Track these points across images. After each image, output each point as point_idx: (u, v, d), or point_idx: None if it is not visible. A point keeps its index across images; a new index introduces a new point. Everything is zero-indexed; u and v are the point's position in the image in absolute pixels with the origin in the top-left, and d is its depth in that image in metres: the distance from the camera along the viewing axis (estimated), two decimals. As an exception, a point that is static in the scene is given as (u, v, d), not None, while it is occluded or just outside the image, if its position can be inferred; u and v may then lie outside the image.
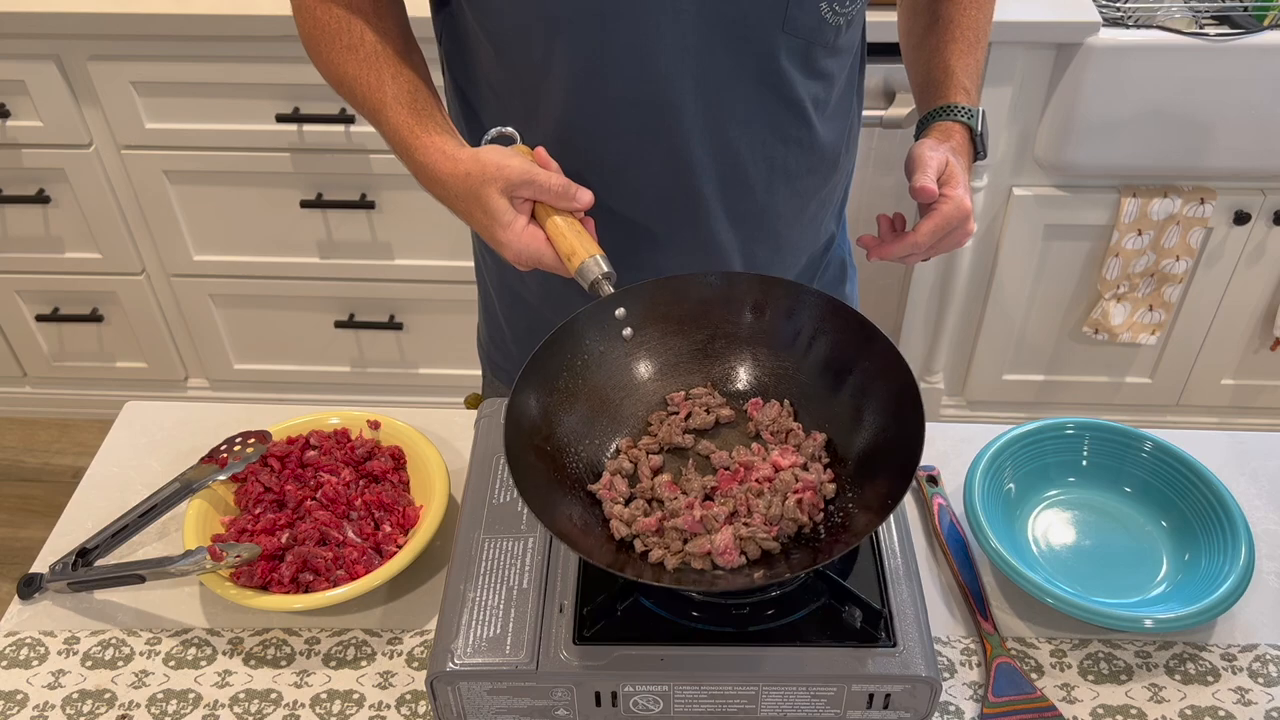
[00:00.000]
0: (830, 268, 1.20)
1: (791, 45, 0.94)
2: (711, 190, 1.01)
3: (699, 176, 0.99)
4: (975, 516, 0.97)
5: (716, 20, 0.90)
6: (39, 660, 0.93)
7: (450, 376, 2.30)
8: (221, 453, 1.03)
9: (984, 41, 1.09)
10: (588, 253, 0.88)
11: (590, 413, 0.91)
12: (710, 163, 0.98)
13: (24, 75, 1.88)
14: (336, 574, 0.95)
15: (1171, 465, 1.02)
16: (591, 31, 0.90)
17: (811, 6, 0.92)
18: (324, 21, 0.97)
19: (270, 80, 1.85)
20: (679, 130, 0.95)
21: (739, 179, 1.01)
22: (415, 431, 1.07)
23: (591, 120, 0.96)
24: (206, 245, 2.12)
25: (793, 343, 0.93)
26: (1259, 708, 0.89)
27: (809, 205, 1.09)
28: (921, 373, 2.28)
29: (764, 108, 0.97)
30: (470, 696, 0.82)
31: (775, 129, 0.99)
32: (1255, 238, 2.00)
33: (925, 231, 0.96)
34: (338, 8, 0.96)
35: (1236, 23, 1.78)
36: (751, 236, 1.06)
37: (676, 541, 0.83)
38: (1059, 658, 0.93)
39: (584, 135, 0.97)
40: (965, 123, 1.03)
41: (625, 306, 0.91)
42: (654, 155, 0.97)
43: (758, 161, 1.00)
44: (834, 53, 0.98)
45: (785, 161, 1.02)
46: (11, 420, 2.46)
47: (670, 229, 1.03)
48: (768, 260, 1.10)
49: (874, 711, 0.82)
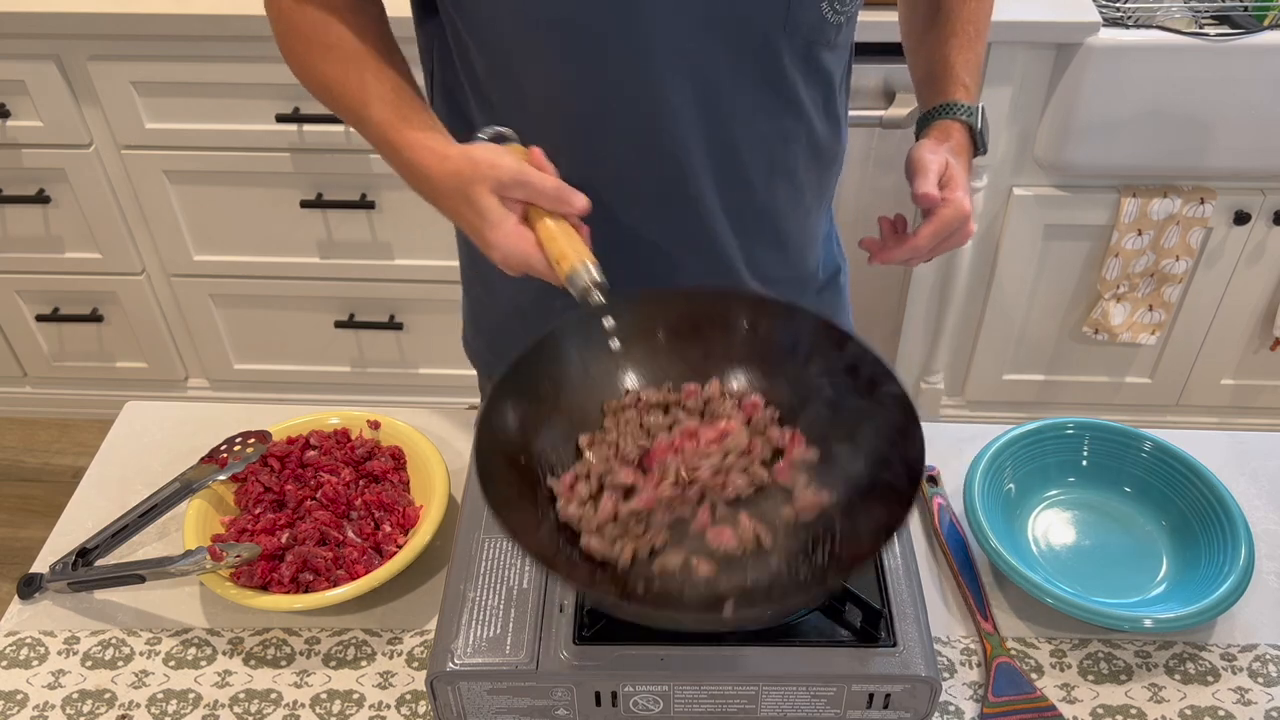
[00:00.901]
0: (826, 262, 1.20)
1: (793, 45, 0.94)
2: (711, 192, 1.00)
3: (699, 178, 0.99)
4: (975, 516, 0.97)
5: (717, 23, 0.90)
6: (39, 660, 0.93)
7: (450, 376, 2.30)
8: (221, 453, 1.03)
9: (984, 36, 1.09)
10: (579, 258, 0.83)
11: (570, 427, 0.87)
12: (710, 164, 0.98)
13: (24, 75, 1.88)
14: (336, 574, 0.95)
15: (1171, 465, 1.02)
16: (588, 37, 0.89)
17: (813, 6, 0.91)
18: (299, 24, 0.94)
19: (270, 80, 1.85)
20: (678, 132, 0.95)
21: (740, 179, 1.01)
22: (415, 431, 1.07)
23: (588, 124, 0.95)
24: (206, 245, 2.12)
25: (787, 364, 0.90)
26: (1259, 708, 0.89)
27: (807, 201, 1.09)
28: (921, 373, 2.28)
29: (765, 107, 0.97)
30: (470, 696, 0.82)
31: (776, 128, 0.99)
32: (1255, 238, 2.00)
33: (926, 235, 0.96)
34: (313, 9, 0.94)
35: (1236, 23, 1.78)
36: (753, 238, 1.06)
37: (637, 528, 0.80)
38: (1059, 658, 0.93)
39: (580, 139, 0.96)
40: (965, 120, 1.02)
41: (615, 317, 0.86)
42: (652, 158, 0.97)
43: (759, 161, 1.00)
44: (833, 49, 0.98)
45: (785, 160, 1.02)
46: (11, 420, 2.46)
47: (670, 232, 1.03)
48: (772, 261, 1.09)
49: (874, 711, 0.82)
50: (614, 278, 0.85)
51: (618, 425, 0.87)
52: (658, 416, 0.88)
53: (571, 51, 0.91)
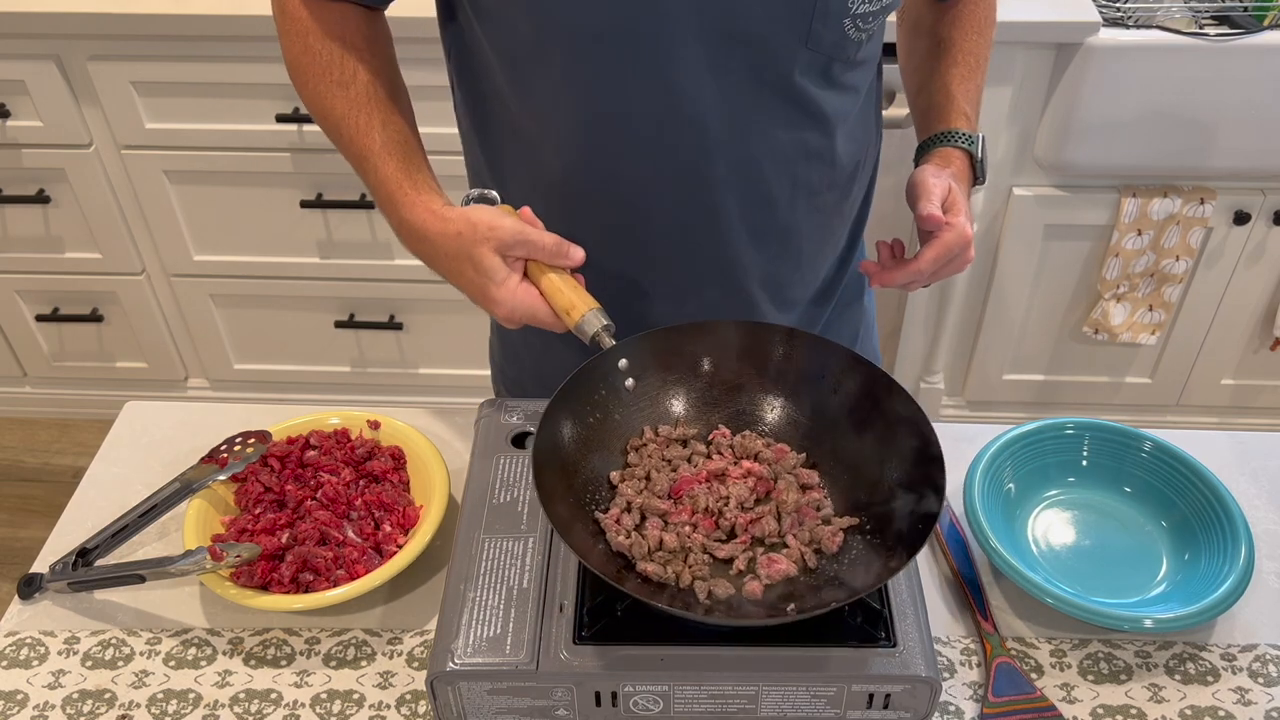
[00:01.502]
0: (850, 283, 1.19)
1: (813, 61, 0.93)
2: (733, 208, 1.00)
3: (720, 194, 0.98)
4: (975, 516, 0.97)
5: (738, 38, 0.89)
6: (39, 660, 0.93)
7: (450, 376, 2.30)
8: (221, 453, 1.03)
9: (984, 67, 1.10)
10: (586, 306, 0.89)
11: (604, 464, 0.92)
12: (733, 180, 0.98)
13: (24, 75, 1.88)
14: (336, 574, 0.95)
15: (1171, 465, 1.02)
16: (610, 48, 0.89)
17: (835, 24, 0.91)
18: (317, 52, 0.95)
19: (270, 80, 1.85)
20: (700, 147, 0.95)
21: (762, 197, 1.00)
22: (415, 431, 1.07)
23: (610, 139, 0.95)
24: (206, 245, 2.12)
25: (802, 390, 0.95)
26: (1259, 708, 0.89)
27: (830, 221, 1.08)
28: (921, 373, 2.28)
29: (787, 124, 0.96)
30: (470, 696, 0.82)
31: (798, 144, 0.98)
32: (1255, 238, 2.00)
33: (928, 259, 0.96)
34: (332, 41, 0.95)
35: (1236, 23, 1.78)
36: (774, 256, 1.05)
37: (677, 561, 0.85)
38: (1059, 658, 0.93)
39: (601, 154, 0.96)
40: (965, 148, 1.04)
41: (627, 359, 0.93)
42: (674, 173, 0.96)
43: (781, 178, 1.00)
44: (854, 66, 0.97)
45: (808, 177, 1.01)
46: (11, 420, 2.46)
47: (689, 250, 1.02)
48: (790, 280, 1.09)
49: (874, 711, 0.82)
50: (627, 290, 0.88)
51: (641, 460, 0.93)
52: (677, 449, 0.93)
53: (593, 61, 0.91)
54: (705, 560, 0.85)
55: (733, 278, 1.05)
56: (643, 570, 0.84)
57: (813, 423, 0.94)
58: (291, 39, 0.97)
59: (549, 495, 0.82)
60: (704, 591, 0.83)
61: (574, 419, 0.90)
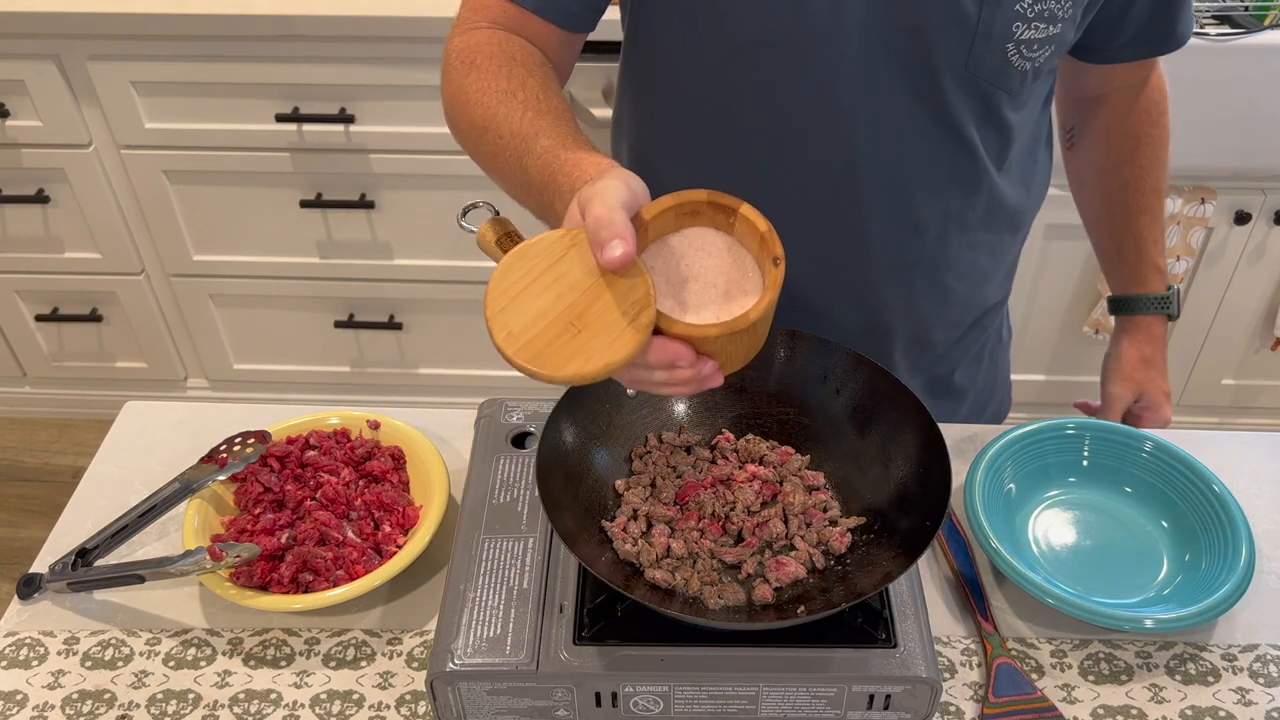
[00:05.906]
0: (998, 331, 1.19)
1: (974, 87, 0.91)
2: (878, 233, 0.98)
3: (867, 216, 0.97)
4: (975, 517, 0.97)
5: (903, 55, 0.88)
6: (39, 660, 0.93)
7: (450, 376, 2.30)
8: (221, 453, 1.03)
9: (1164, 198, 1.14)
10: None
11: (609, 471, 0.92)
12: (882, 202, 0.96)
13: (24, 75, 1.88)
14: (336, 574, 0.95)
15: (1171, 465, 1.02)
16: (779, 59, 0.89)
17: (998, 47, 0.89)
18: (483, 68, 0.87)
19: (270, 80, 1.85)
20: (853, 166, 0.94)
21: (910, 223, 0.98)
22: (415, 431, 1.07)
23: (766, 150, 0.94)
24: (206, 245, 2.12)
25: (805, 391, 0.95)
26: (1259, 708, 0.89)
27: (981, 262, 1.06)
28: (921, 373, 2.28)
29: (942, 152, 0.95)
30: (470, 697, 0.82)
31: (954, 177, 0.97)
32: (1255, 238, 2.00)
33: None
34: (503, 57, 0.88)
35: (1236, 23, 1.78)
36: (916, 288, 1.04)
37: (685, 567, 0.85)
38: (1059, 658, 0.93)
39: (753, 167, 0.95)
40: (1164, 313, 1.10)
41: None
42: (824, 190, 0.95)
43: (933, 207, 0.98)
44: (1017, 103, 0.95)
45: (962, 212, 1.00)
46: (11, 420, 2.46)
47: (828, 272, 1.01)
48: (931, 318, 1.08)
49: (874, 712, 0.82)
50: None
51: (646, 467, 0.93)
52: (681, 456, 0.94)
53: (765, 69, 0.90)
54: (714, 566, 0.85)
55: (867, 302, 1.04)
56: (651, 578, 0.84)
57: (817, 424, 0.94)
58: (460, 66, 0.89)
59: (554, 505, 0.82)
60: (714, 597, 0.83)
61: (576, 427, 0.90)
